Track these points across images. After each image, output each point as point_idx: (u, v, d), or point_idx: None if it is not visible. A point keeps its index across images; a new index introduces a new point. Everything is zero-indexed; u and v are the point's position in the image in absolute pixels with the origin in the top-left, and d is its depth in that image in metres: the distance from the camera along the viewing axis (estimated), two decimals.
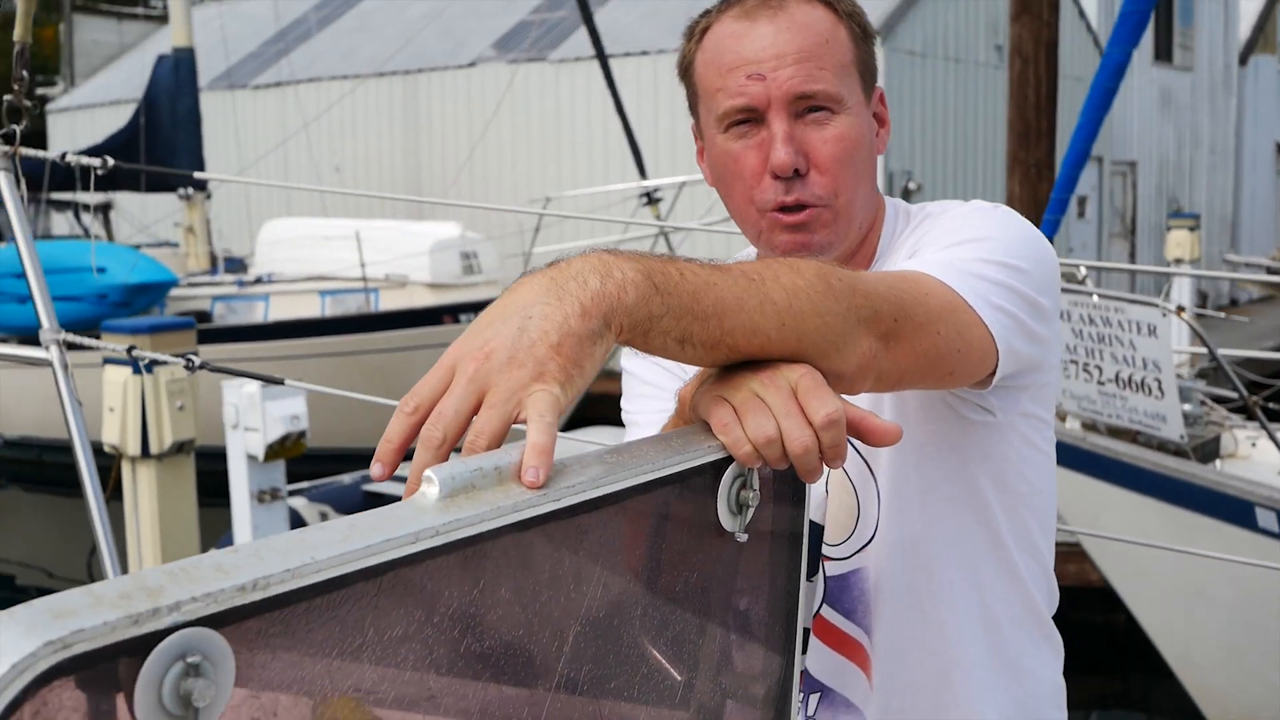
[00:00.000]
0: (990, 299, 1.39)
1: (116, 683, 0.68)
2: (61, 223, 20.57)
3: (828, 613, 1.63)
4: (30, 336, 2.94)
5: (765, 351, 1.12)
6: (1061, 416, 6.55)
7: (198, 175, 7.15)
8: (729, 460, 1.08)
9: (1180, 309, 5.91)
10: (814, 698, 1.65)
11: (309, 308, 14.64)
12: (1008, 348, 1.40)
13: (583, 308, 1.00)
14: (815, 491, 1.60)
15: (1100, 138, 22.36)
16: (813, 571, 1.64)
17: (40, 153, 2.72)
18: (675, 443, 1.06)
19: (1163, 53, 23.42)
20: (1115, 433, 6.45)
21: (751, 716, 1.20)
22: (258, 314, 14.97)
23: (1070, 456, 6.27)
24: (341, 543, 0.78)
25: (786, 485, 1.15)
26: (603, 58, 12.93)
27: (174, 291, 14.55)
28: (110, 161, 2.90)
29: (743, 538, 1.10)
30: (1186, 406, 6.22)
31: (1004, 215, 1.54)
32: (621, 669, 1.06)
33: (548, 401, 0.95)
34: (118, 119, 18.61)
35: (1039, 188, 9.51)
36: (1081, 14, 19.98)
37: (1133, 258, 22.55)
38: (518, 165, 19.06)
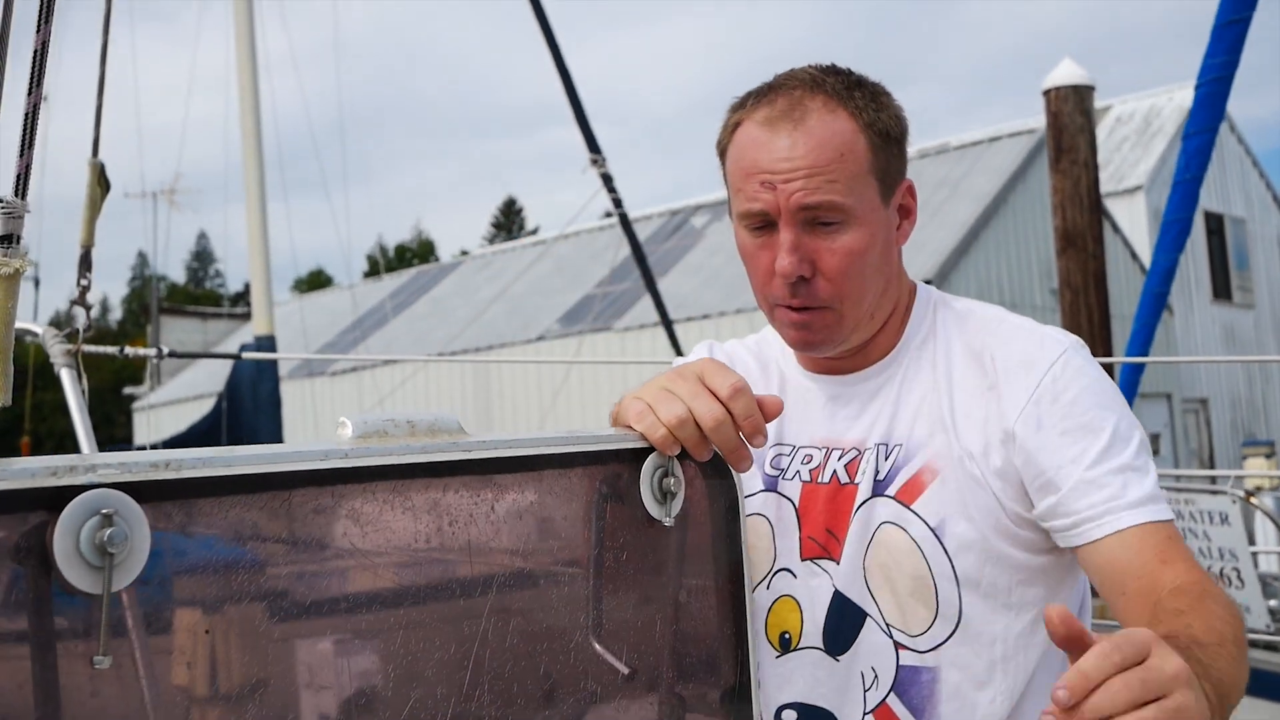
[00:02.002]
0: (1158, 499, 1.55)
1: (39, 528, 0.78)
2: None
3: (894, 703, 1.64)
4: None
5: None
6: None
7: (246, 355, 7.30)
8: (649, 450, 1.18)
9: (1249, 494, 5.84)
10: None
11: None
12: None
13: None
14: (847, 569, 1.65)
15: (1168, 375, 22.22)
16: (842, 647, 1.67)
17: (102, 348, 2.94)
18: (596, 433, 1.16)
19: (1221, 292, 23.62)
20: None
21: (709, 711, 1.24)
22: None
23: None
24: (257, 451, 0.89)
25: (716, 480, 1.24)
26: (668, 323, 13.34)
27: None
28: (165, 350, 3.12)
29: (669, 522, 1.18)
30: (1272, 602, 6.06)
31: (1094, 388, 1.63)
32: (552, 647, 1.12)
33: None
34: (201, 412, 19.33)
35: None
36: (1134, 256, 20.31)
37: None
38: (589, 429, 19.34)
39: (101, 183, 2.87)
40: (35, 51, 1.41)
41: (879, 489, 1.66)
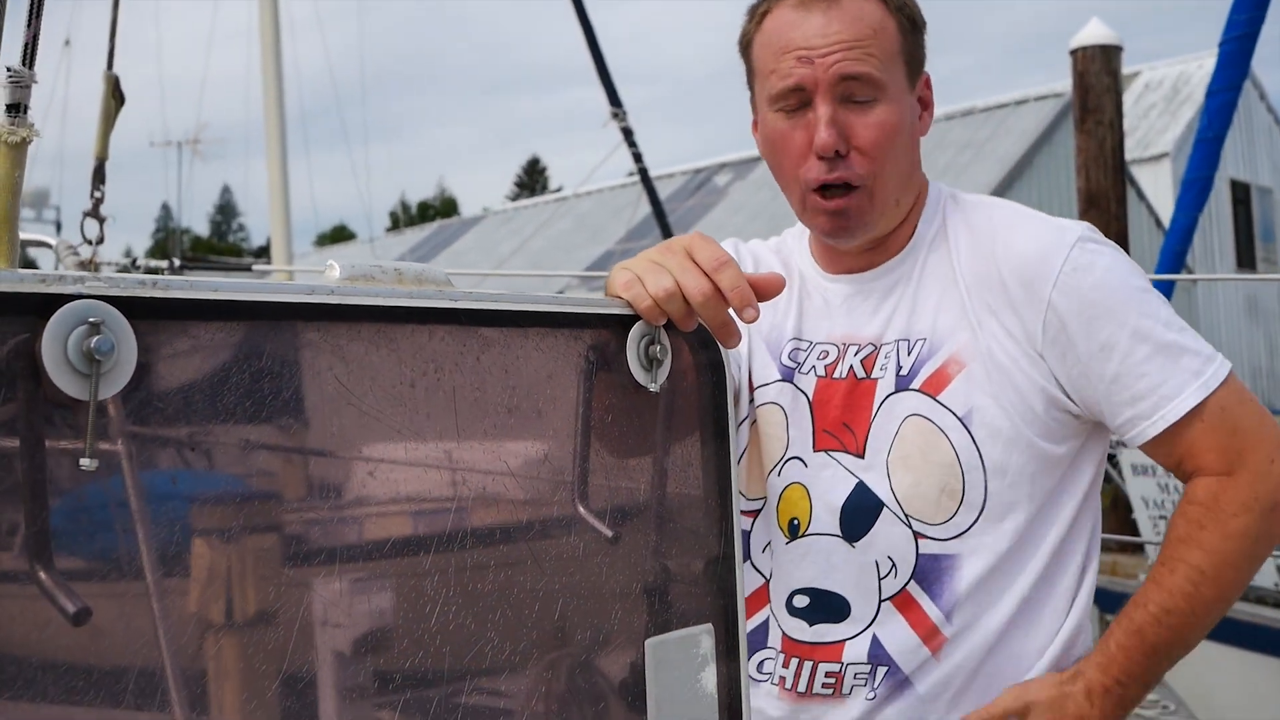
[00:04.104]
0: (1202, 369, 1.63)
1: (28, 335, 0.81)
2: None
3: (915, 590, 1.69)
4: None
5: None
6: None
7: (256, 268, 7.35)
8: (637, 319, 1.20)
9: None
10: (880, 670, 1.70)
11: None
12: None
13: None
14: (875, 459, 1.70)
15: None
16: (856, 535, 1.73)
17: (114, 263, 2.99)
18: (584, 298, 1.19)
19: (1246, 262, 23.46)
20: None
21: (692, 581, 1.27)
22: None
23: None
24: (245, 281, 0.92)
25: (703, 351, 1.26)
26: None
27: None
28: (177, 263, 3.19)
29: (655, 389, 1.21)
30: None
31: (1115, 268, 1.67)
32: (535, 502, 1.15)
33: None
34: None
35: None
36: (1158, 223, 20.19)
37: None
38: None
39: (116, 95, 2.92)
40: None
41: (903, 383, 1.71)
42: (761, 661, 1.79)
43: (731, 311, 1.27)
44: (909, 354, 1.71)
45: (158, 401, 0.87)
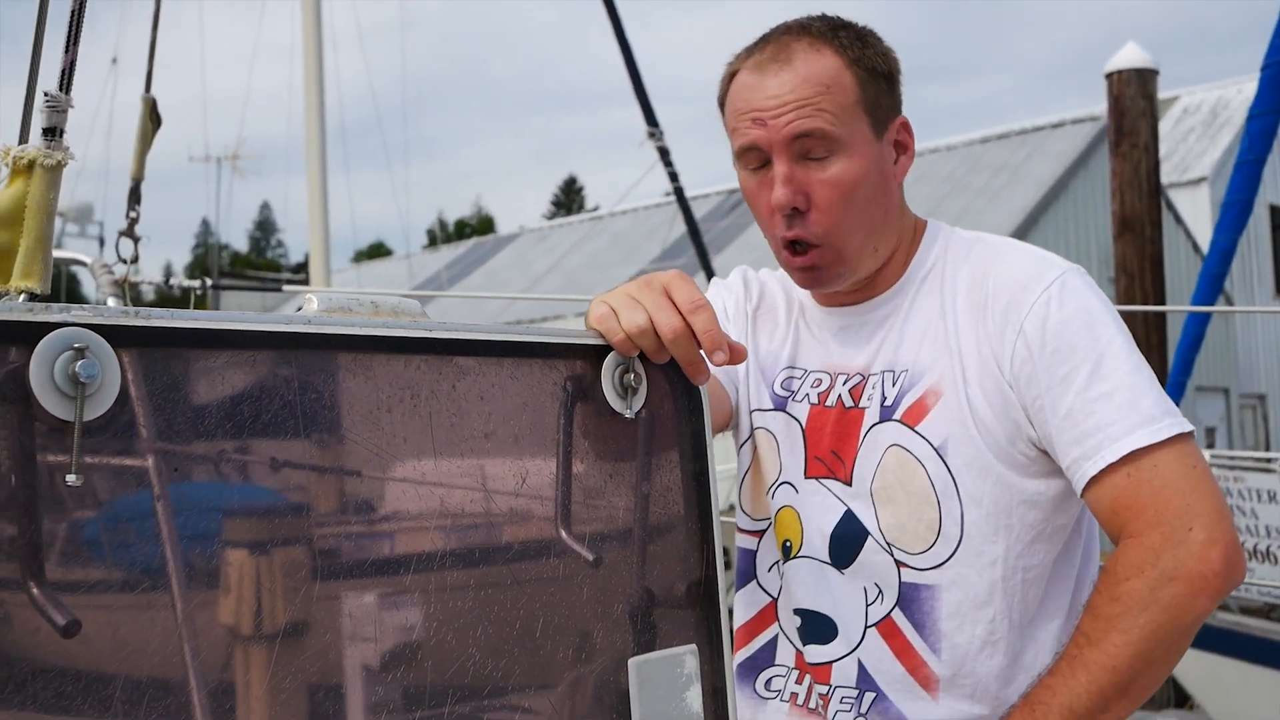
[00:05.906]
0: (1156, 419, 1.58)
1: (18, 360, 0.87)
2: None
3: (898, 618, 1.72)
4: None
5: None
6: None
7: (287, 288, 7.40)
8: (609, 349, 1.26)
9: None
10: (868, 696, 1.72)
11: None
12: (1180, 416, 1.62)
13: None
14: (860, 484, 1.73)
15: (1227, 370, 21.79)
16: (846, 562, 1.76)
17: (145, 280, 3.07)
18: (559, 329, 1.24)
19: None
20: (1248, 610, 6.30)
21: (675, 603, 1.31)
22: None
23: (1201, 636, 6.11)
24: (224, 313, 0.97)
25: (679, 378, 1.31)
26: None
27: None
28: (209, 281, 3.26)
29: (630, 415, 1.25)
30: None
31: (1089, 309, 1.66)
32: (512, 525, 1.20)
33: None
34: None
35: None
36: (1195, 247, 20.06)
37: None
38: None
39: (153, 117, 3.01)
40: None
41: (887, 414, 1.74)
42: (770, 679, 1.83)
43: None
44: (893, 385, 1.75)
45: (140, 423, 0.92)
